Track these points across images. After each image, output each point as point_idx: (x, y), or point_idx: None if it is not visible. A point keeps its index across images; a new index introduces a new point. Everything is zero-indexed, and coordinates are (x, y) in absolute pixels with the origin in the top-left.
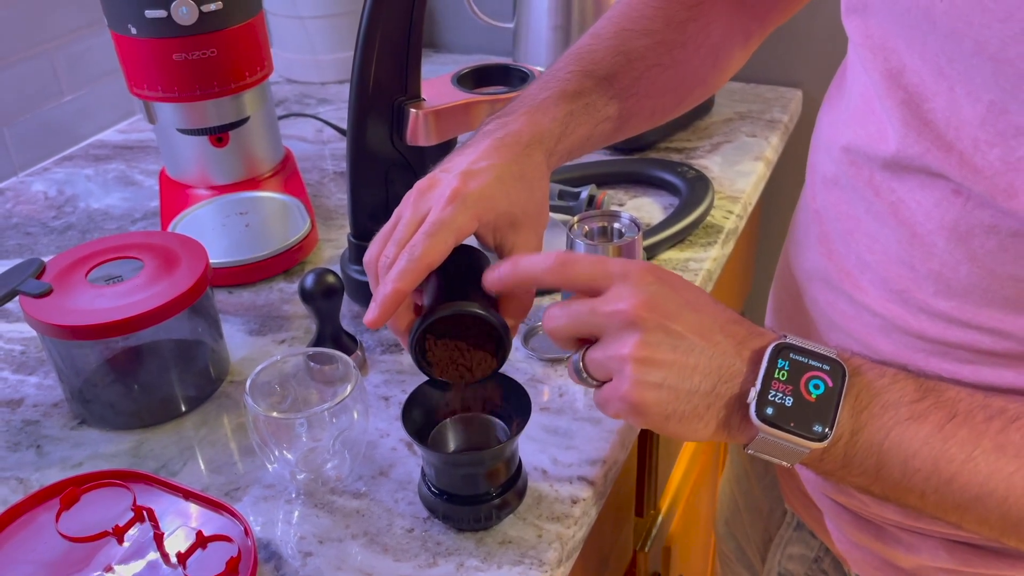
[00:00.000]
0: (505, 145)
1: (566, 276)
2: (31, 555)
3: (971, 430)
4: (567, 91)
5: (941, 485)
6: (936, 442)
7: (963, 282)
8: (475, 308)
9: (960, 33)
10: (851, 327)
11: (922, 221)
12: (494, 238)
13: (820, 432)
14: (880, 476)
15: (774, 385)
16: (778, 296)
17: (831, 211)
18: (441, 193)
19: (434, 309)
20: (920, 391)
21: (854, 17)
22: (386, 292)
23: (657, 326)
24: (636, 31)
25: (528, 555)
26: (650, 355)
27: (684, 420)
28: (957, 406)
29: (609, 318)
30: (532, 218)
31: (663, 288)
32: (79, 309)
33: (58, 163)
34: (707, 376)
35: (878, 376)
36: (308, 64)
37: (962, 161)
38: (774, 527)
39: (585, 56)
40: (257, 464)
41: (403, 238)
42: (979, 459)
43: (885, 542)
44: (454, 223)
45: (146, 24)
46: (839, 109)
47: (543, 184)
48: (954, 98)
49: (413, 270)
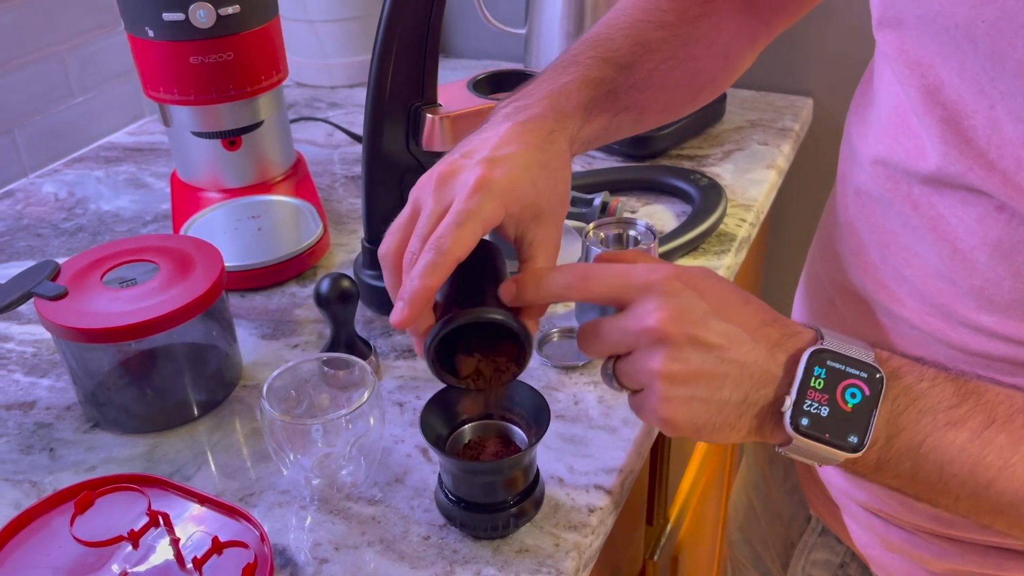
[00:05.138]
0: (528, 130)
1: (589, 292)
2: (45, 559)
3: (1009, 435)
4: (589, 77)
5: (978, 490)
6: (974, 448)
7: (1006, 298)
8: (496, 315)
9: (1002, 54)
10: (887, 340)
11: (964, 237)
12: (516, 230)
13: (855, 443)
14: (915, 479)
15: (810, 394)
16: (808, 306)
17: (865, 223)
18: (465, 181)
19: (452, 316)
20: (959, 395)
21: (887, 31)
22: (415, 288)
23: (685, 339)
24: (651, 23)
25: (546, 564)
26: (679, 370)
27: (716, 430)
28: (996, 409)
29: (637, 337)
30: (555, 209)
31: (689, 295)
32: (94, 312)
33: (68, 165)
34: (739, 386)
35: (917, 380)
36: (319, 68)
37: (1005, 180)
38: (796, 533)
39: (602, 44)
40: (271, 470)
41: (427, 230)
42: (1017, 465)
43: (915, 546)
44: (481, 213)
45: (163, 27)
46: (869, 121)
47: (566, 174)
48: (995, 117)
49: (442, 264)
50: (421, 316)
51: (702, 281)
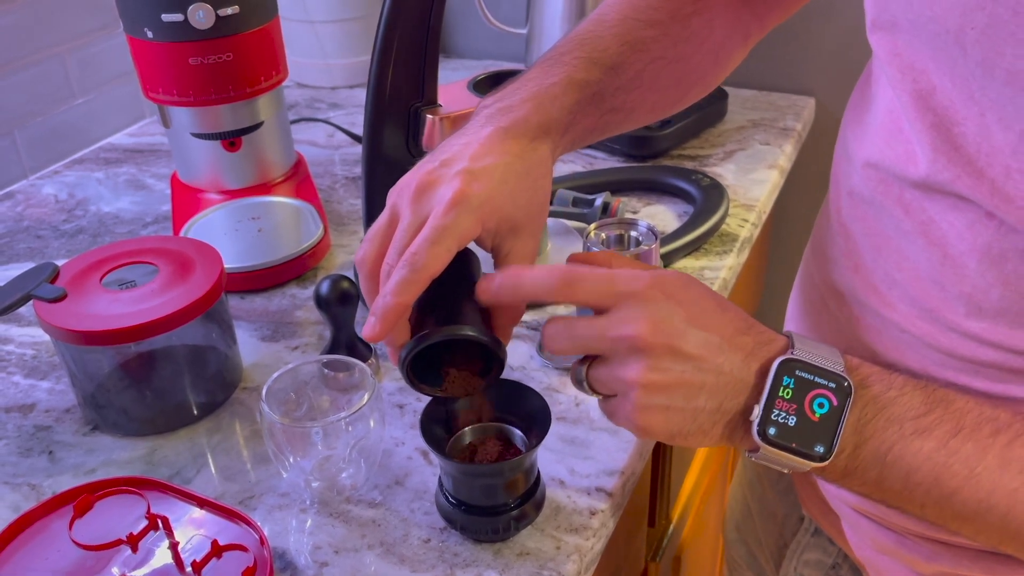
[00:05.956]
0: (510, 136)
1: (572, 295)
2: (44, 563)
3: (976, 444)
4: (575, 79)
5: (942, 499)
6: (940, 457)
7: (995, 305)
8: (469, 331)
9: (991, 62)
10: (878, 342)
11: (954, 242)
12: (493, 242)
13: (821, 452)
14: (881, 487)
15: (778, 404)
16: (800, 306)
17: (858, 225)
18: (443, 195)
19: (426, 334)
20: (927, 403)
21: (881, 34)
22: (387, 305)
23: (664, 349)
24: (641, 21)
25: (547, 567)
26: (657, 379)
27: (689, 436)
28: (964, 419)
29: (615, 343)
30: (533, 221)
31: (669, 305)
32: (93, 314)
33: (68, 166)
34: (714, 395)
35: (885, 389)
36: (319, 68)
37: (993, 189)
38: (789, 533)
39: (589, 42)
40: (270, 472)
41: (403, 244)
42: (982, 475)
43: (906, 549)
44: (457, 229)
45: (163, 28)
46: (864, 122)
47: (546, 182)
48: (985, 124)
49: (415, 281)
50: (395, 330)
51: (681, 290)
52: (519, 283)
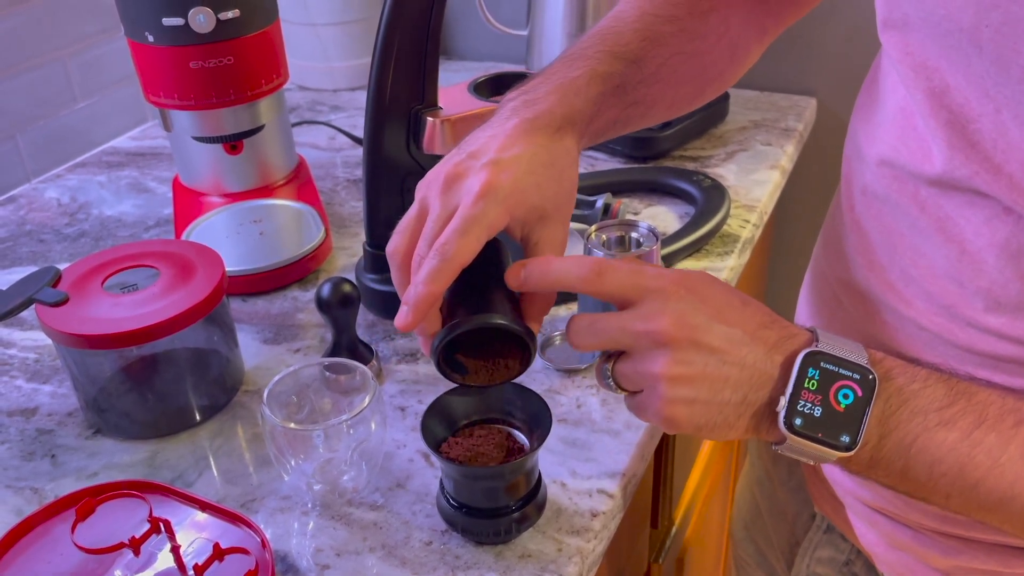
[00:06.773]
0: (536, 128)
1: (601, 287)
2: (47, 567)
3: (999, 435)
4: (598, 71)
5: (967, 489)
6: (963, 448)
7: (1014, 300)
8: (499, 319)
9: (1007, 59)
10: (895, 339)
11: (971, 238)
12: (522, 232)
13: (847, 443)
14: (906, 478)
15: (803, 395)
16: (812, 304)
17: (872, 223)
18: (471, 186)
19: (458, 322)
20: (950, 395)
21: (893, 32)
22: (419, 294)
23: (688, 343)
24: (660, 16)
25: (548, 569)
26: (681, 373)
27: (716, 429)
28: (987, 410)
29: (640, 337)
30: (560, 210)
31: (693, 300)
32: (95, 318)
33: (71, 170)
34: (738, 387)
35: (909, 381)
36: (321, 71)
37: (1012, 184)
38: (801, 531)
39: (611, 38)
40: (272, 475)
41: (434, 234)
42: (1006, 465)
43: (921, 544)
44: (485, 219)
45: (163, 32)
46: (875, 121)
47: (572, 171)
48: (1001, 121)
49: (446, 270)
50: (426, 319)
51: (704, 287)
52: (548, 270)
